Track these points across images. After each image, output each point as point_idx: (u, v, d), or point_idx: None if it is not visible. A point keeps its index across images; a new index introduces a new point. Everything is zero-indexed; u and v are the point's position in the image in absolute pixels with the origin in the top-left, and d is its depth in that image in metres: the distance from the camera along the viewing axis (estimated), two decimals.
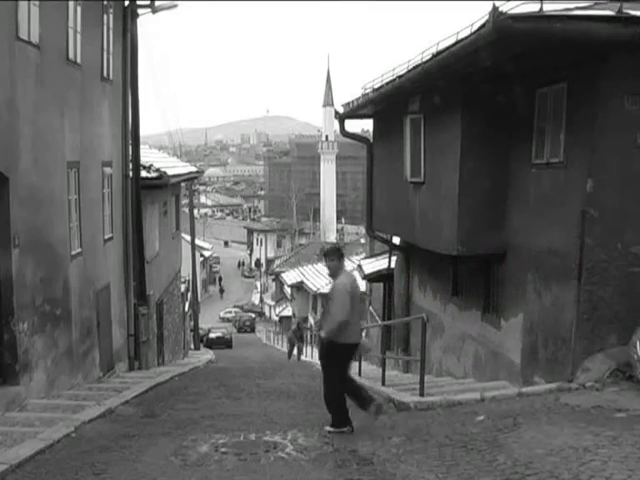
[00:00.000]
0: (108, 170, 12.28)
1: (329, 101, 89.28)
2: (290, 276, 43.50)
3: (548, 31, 6.36)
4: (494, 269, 9.49)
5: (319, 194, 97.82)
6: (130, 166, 13.56)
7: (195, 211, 43.72)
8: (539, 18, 6.34)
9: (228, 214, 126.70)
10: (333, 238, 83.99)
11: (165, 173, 15.58)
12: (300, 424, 7.29)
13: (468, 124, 8.84)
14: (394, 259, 15.65)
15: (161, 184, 15.75)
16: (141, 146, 14.34)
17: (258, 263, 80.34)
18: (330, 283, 7.32)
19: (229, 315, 57.17)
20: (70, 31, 9.79)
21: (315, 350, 26.52)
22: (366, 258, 22.83)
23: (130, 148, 13.61)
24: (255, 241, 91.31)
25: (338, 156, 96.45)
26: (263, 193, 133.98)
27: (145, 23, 71.67)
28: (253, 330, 50.75)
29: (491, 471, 4.69)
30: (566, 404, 6.25)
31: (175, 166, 19.02)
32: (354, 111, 13.10)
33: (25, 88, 8.18)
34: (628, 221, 7.01)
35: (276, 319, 49.49)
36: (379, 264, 18.19)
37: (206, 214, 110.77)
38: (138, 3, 13.52)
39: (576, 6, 6.88)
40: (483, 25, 6.53)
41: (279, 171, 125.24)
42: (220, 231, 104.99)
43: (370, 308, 21.87)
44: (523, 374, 8.36)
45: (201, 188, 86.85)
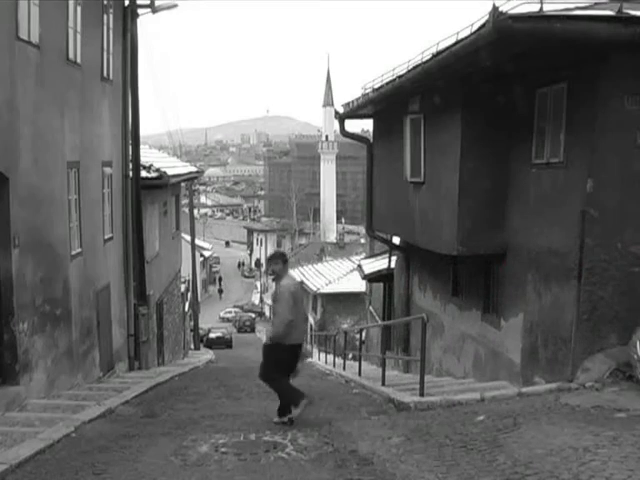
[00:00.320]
0: (108, 170, 12.29)
1: (329, 101, 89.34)
2: None
3: (548, 31, 6.36)
4: (494, 269, 9.49)
5: (319, 194, 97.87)
6: (130, 166, 13.56)
7: (195, 211, 43.71)
8: (539, 18, 6.34)
9: (228, 214, 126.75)
10: (333, 238, 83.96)
11: (165, 173, 15.59)
12: (300, 424, 7.28)
13: (468, 124, 8.85)
14: (394, 259, 15.66)
15: (161, 184, 15.76)
16: (141, 146, 14.34)
17: (258, 263, 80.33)
18: (274, 286, 7.72)
19: (229, 315, 57.21)
20: (70, 31, 9.79)
21: (315, 350, 26.53)
22: (366, 258, 22.86)
23: (130, 148, 13.61)
24: (255, 241, 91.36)
25: (338, 156, 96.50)
26: (263, 193, 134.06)
27: (145, 23, 71.68)
28: (253, 330, 50.75)
29: (491, 471, 4.69)
30: (566, 404, 6.25)
31: (175, 166, 19.02)
32: (354, 111, 13.10)
33: (25, 88, 8.18)
34: (628, 221, 7.01)
35: None
36: (379, 264, 18.20)
37: (206, 214, 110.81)
38: (138, 3, 13.53)
39: (576, 6, 6.88)
40: (483, 25, 6.53)
41: (279, 171, 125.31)
42: (220, 231, 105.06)
43: (370, 308, 21.88)
44: (523, 374, 8.36)
45: (201, 188, 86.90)
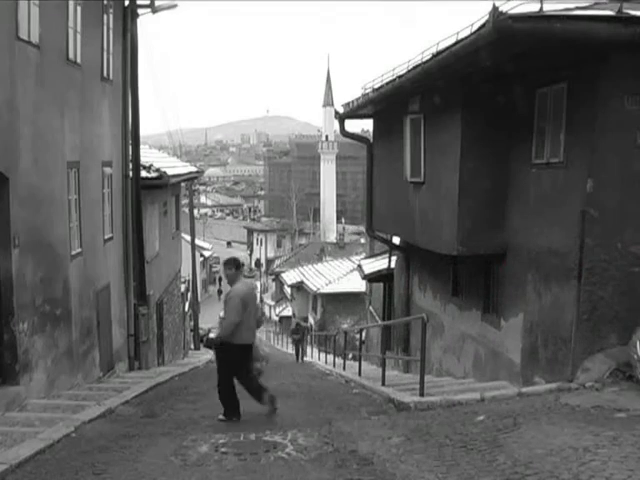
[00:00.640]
0: (108, 170, 12.29)
1: (329, 101, 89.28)
2: (290, 276, 43.48)
3: (548, 31, 6.36)
4: (494, 269, 9.49)
5: (319, 194, 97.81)
6: (130, 166, 13.56)
7: (195, 211, 43.69)
8: (539, 18, 6.34)
9: (228, 214, 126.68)
10: (333, 238, 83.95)
11: (165, 173, 15.58)
12: (300, 424, 7.29)
13: (468, 124, 8.85)
14: (394, 259, 15.66)
15: (161, 184, 15.76)
16: (141, 146, 14.34)
17: (258, 263, 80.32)
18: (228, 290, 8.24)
19: None
20: (70, 31, 9.79)
21: (315, 350, 26.55)
22: (366, 258, 22.86)
23: (130, 148, 13.61)
24: (255, 241, 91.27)
25: (338, 156, 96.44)
26: (263, 193, 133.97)
27: (145, 23, 71.66)
28: None
29: (491, 471, 4.68)
30: (566, 404, 6.25)
31: (175, 166, 19.02)
32: (354, 111, 13.10)
33: (25, 88, 8.18)
34: (628, 221, 7.01)
35: (276, 319, 49.48)
36: (379, 264, 18.21)
37: (206, 214, 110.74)
38: (138, 3, 13.53)
39: (576, 6, 6.87)
40: (483, 25, 6.53)
41: (279, 171, 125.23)
42: (220, 231, 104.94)
43: (370, 308, 21.88)
44: (523, 374, 8.36)
45: (201, 188, 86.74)
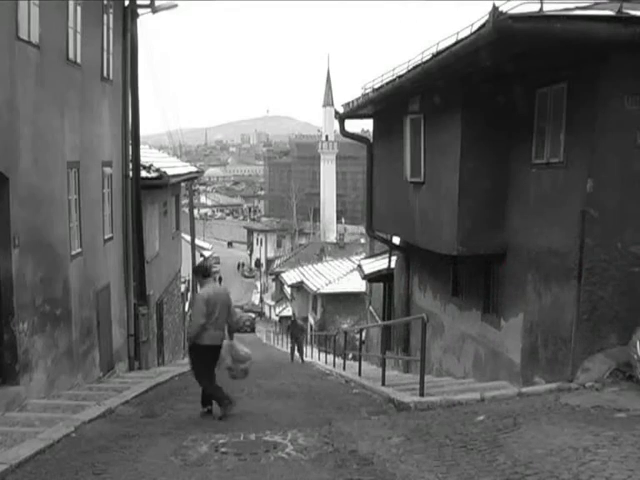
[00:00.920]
0: (108, 170, 12.28)
1: (329, 101, 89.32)
2: (290, 276, 43.49)
3: (548, 31, 6.36)
4: (494, 269, 9.49)
5: (319, 194, 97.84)
6: (130, 166, 13.56)
7: (195, 211, 43.68)
8: (539, 18, 6.35)
9: (228, 214, 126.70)
10: (333, 238, 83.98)
11: (165, 173, 15.59)
12: (300, 424, 7.29)
13: (468, 124, 8.85)
14: (394, 259, 15.66)
15: (161, 184, 15.76)
16: (141, 146, 14.34)
17: (258, 263, 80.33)
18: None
19: None
20: (70, 31, 9.79)
21: (315, 350, 26.53)
22: (366, 258, 22.87)
23: (130, 148, 13.61)
24: (255, 241, 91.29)
25: (338, 156, 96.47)
26: (263, 193, 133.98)
27: (145, 23, 71.68)
28: (253, 330, 50.71)
29: (491, 471, 4.69)
30: (566, 404, 6.25)
31: (175, 166, 19.02)
32: (354, 111, 13.10)
33: (25, 88, 8.18)
34: (628, 221, 7.01)
35: (276, 319, 49.49)
36: (379, 264, 18.22)
37: (206, 214, 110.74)
38: (138, 3, 13.53)
39: (576, 6, 6.88)
40: (483, 25, 6.53)
41: (279, 171, 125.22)
42: (220, 231, 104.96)
43: (370, 308, 21.89)
44: (523, 374, 8.36)
45: (201, 188, 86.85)
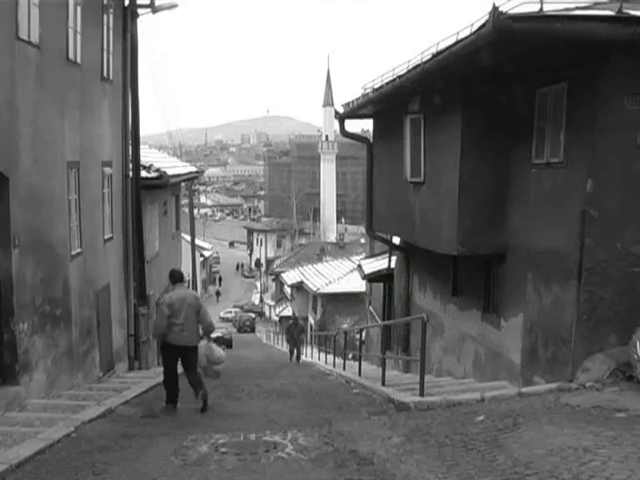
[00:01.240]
0: (108, 170, 12.29)
1: (329, 101, 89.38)
2: (290, 276, 43.50)
3: (548, 31, 6.36)
4: (494, 269, 9.49)
5: (319, 194, 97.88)
6: (130, 166, 13.57)
7: (195, 211, 43.70)
8: (539, 18, 6.34)
9: (228, 214, 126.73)
10: (333, 238, 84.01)
11: (165, 173, 15.59)
12: (300, 424, 7.29)
13: (468, 124, 8.84)
14: (394, 259, 15.66)
15: (161, 184, 15.76)
16: (141, 146, 14.34)
17: (258, 263, 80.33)
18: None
19: (229, 315, 57.20)
20: (70, 31, 9.79)
21: (315, 350, 26.53)
22: (366, 258, 22.86)
23: (130, 148, 13.62)
24: (255, 241, 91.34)
25: (338, 156, 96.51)
26: (263, 193, 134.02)
27: (145, 23, 71.65)
28: (253, 330, 50.77)
29: (491, 471, 4.69)
30: (566, 404, 6.25)
31: (175, 166, 19.02)
32: (354, 111, 13.10)
33: (25, 88, 8.18)
34: (628, 221, 7.01)
35: (276, 319, 49.51)
36: (379, 264, 18.20)
37: (206, 214, 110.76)
38: (138, 3, 13.53)
39: (576, 6, 6.88)
40: (483, 25, 6.53)
41: (279, 171, 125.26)
42: (220, 231, 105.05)
43: (370, 308, 21.89)
44: (523, 374, 8.36)
45: (201, 188, 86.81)
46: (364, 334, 17.44)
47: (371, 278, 19.04)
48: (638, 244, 6.99)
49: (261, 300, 65.56)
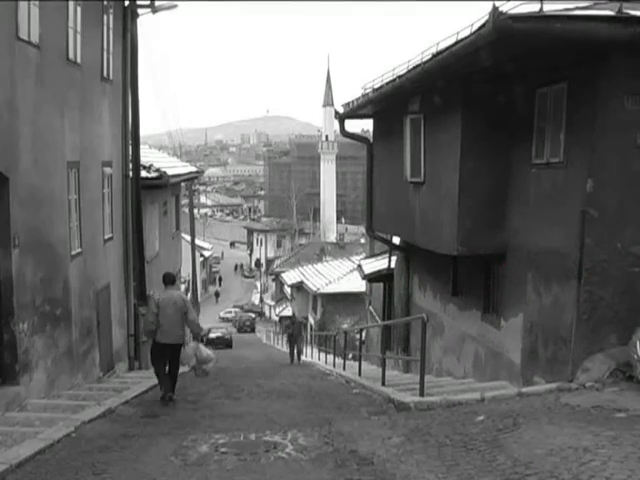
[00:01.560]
0: (108, 170, 12.29)
1: (329, 101, 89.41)
2: (290, 276, 43.51)
3: (548, 31, 6.36)
4: (494, 269, 9.49)
5: (319, 194, 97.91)
6: (130, 166, 13.56)
7: (195, 211, 43.70)
8: (539, 18, 6.34)
9: (228, 214, 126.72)
10: (333, 238, 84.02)
11: (165, 173, 15.59)
12: (300, 424, 7.29)
13: (468, 124, 8.84)
14: (394, 259, 15.66)
15: (161, 184, 15.76)
16: (141, 146, 14.34)
17: (258, 263, 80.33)
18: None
19: (229, 315, 57.20)
20: (70, 31, 9.79)
21: (315, 350, 26.53)
22: (366, 258, 22.86)
23: (130, 148, 13.61)
24: (255, 241, 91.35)
25: (338, 156, 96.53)
26: (263, 193, 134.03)
27: (145, 23, 71.67)
28: (253, 330, 50.77)
29: (491, 471, 4.69)
30: (566, 404, 6.25)
31: (175, 166, 19.02)
32: (354, 111, 13.10)
33: (25, 88, 8.18)
34: (628, 221, 7.01)
35: (276, 319, 49.51)
36: (379, 264, 18.20)
37: (206, 214, 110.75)
38: (138, 3, 13.53)
39: (576, 6, 6.88)
40: (483, 25, 6.53)
41: (279, 171, 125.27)
42: (220, 231, 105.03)
43: (370, 308, 21.88)
44: (523, 374, 8.36)
45: (201, 188, 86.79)
46: (364, 334, 17.44)
47: (371, 278, 19.04)
48: (638, 244, 6.99)
49: (261, 300, 65.56)
